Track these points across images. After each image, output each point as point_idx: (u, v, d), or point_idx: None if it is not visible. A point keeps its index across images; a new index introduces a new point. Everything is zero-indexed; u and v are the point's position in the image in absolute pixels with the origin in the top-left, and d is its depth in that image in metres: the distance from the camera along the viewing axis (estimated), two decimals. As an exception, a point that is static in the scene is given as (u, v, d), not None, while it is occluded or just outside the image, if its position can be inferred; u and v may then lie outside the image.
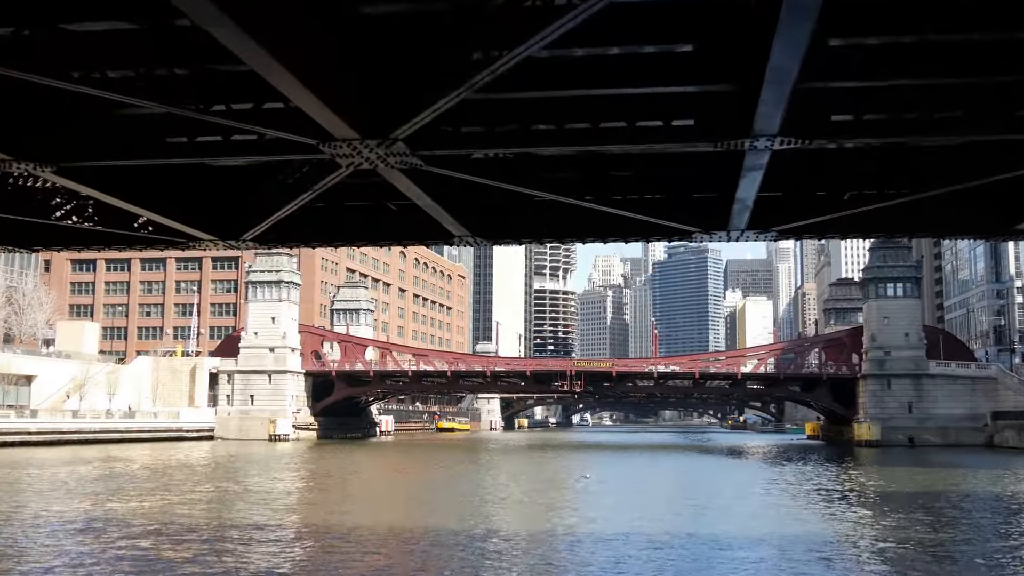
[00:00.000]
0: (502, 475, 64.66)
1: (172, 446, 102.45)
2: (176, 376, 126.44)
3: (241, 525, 33.68)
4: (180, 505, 40.82)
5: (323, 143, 12.58)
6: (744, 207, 15.85)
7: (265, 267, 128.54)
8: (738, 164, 14.03)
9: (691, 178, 17.04)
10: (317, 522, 35.38)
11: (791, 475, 64.74)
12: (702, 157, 15.64)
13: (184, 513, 37.45)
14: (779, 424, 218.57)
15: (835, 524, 36.35)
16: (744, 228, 17.34)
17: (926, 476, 63.34)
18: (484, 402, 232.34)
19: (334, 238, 19.75)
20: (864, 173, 16.48)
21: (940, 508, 42.27)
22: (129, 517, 35.60)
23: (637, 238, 18.67)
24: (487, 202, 18.37)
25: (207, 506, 41.19)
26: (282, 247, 20.24)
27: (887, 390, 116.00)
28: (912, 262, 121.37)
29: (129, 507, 39.67)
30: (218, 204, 18.48)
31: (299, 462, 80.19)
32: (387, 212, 19.52)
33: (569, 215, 18.63)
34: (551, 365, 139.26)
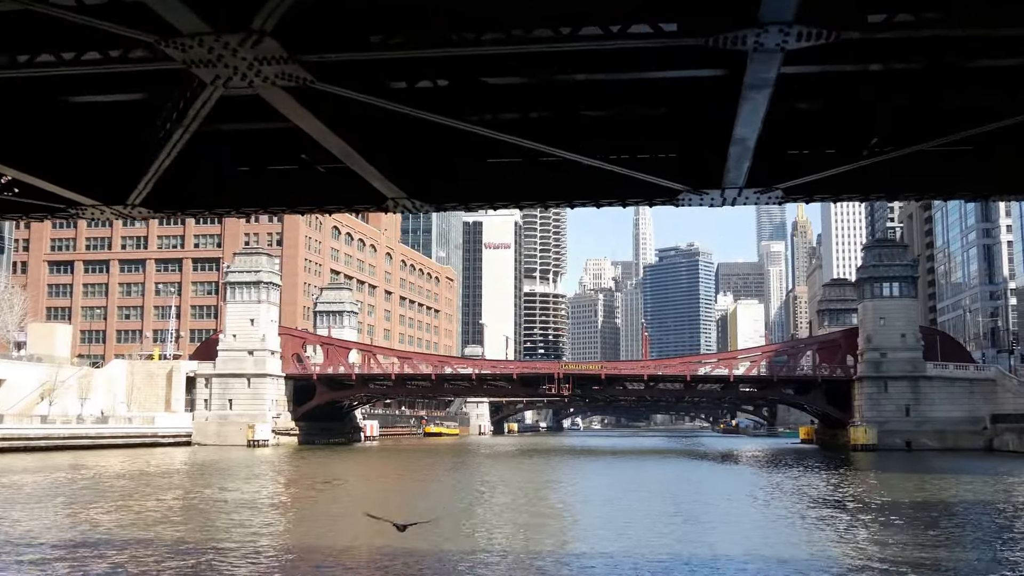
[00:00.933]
0: (483, 484, 61.34)
1: (146, 452, 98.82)
2: (152, 380, 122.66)
3: (197, 541, 30.52)
4: (136, 517, 37.73)
5: (166, 40, 9.14)
6: (743, 152, 12.47)
7: (244, 267, 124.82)
8: (737, 85, 10.69)
9: (677, 119, 13.66)
10: (274, 537, 31.97)
11: (785, 483, 61.42)
12: (692, 88, 12.29)
13: (141, 525, 34.63)
14: (772, 428, 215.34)
15: (831, 540, 33.15)
16: (743, 185, 13.97)
17: (925, 483, 60.15)
18: (473, 406, 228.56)
19: (244, 204, 16.29)
20: (897, 111, 13.08)
21: (940, 520, 39.29)
22: (82, 529, 32.92)
23: (611, 201, 15.24)
24: (425, 156, 14.97)
25: (164, 518, 37.90)
26: (183, 214, 16.77)
27: (883, 392, 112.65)
28: (908, 261, 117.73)
29: (85, 517, 36.77)
30: (98, 160, 15.06)
31: (274, 469, 76.73)
32: (313, 176, 16.12)
33: (528, 173, 15.25)
34: (538, 368, 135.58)
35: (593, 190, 15.01)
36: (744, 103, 10.78)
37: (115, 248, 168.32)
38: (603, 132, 13.94)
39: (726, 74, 11.17)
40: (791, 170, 14.14)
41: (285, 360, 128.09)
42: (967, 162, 14.00)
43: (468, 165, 15.33)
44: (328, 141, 12.74)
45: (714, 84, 11.78)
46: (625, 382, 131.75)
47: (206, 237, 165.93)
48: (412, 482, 65.40)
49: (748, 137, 11.88)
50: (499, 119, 13.28)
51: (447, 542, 30.45)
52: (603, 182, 14.75)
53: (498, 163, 15.34)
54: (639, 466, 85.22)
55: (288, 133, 13.69)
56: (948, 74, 12.06)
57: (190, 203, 16.25)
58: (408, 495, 53.70)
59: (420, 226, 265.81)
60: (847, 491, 55.35)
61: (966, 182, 14.32)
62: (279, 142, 14.88)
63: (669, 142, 14.16)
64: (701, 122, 13.27)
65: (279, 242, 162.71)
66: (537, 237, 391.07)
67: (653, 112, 13.46)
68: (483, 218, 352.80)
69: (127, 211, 15.66)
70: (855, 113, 13.23)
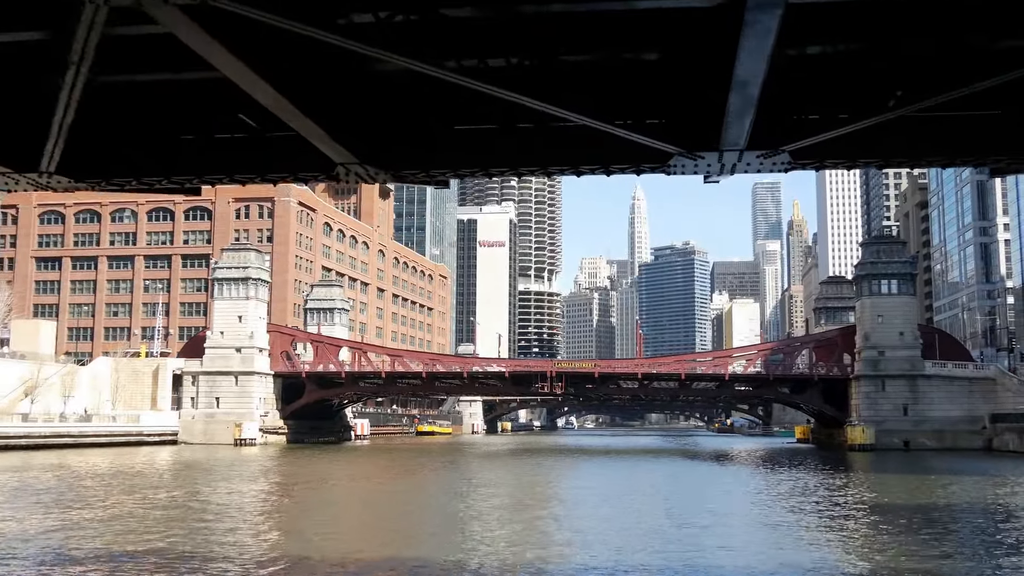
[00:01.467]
0: (472, 487, 59.50)
1: (131, 452, 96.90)
2: (138, 378, 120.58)
3: (164, 547, 28.78)
4: (107, 519, 36.06)
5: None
6: (745, 103, 10.54)
7: (232, 263, 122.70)
8: (738, 16, 8.78)
9: (669, 66, 11.72)
10: (246, 544, 30.03)
11: (782, 485, 59.61)
12: (686, 26, 10.42)
13: (111, 528, 33.15)
14: (767, 427, 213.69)
15: (830, 547, 31.45)
16: (744, 147, 12.04)
17: (924, 485, 58.45)
18: (466, 405, 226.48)
19: (177, 172, 14.31)
20: (918, 60, 11.15)
21: (941, 524, 37.74)
22: (50, 533, 31.53)
23: (592, 167, 13.29)
24: (381, 114, 13.04)
25: (134, 521, 36.15)
26: (108, 184, 14.74)
27: (881, 391, 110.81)
28: (907, 258, 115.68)
29: (56, 520, 35.34)
30: (2, 120, 13.11)
31: (257, 470, 74.76)
32: (255, 141, 14.17)
33: (500, 136, 13.35)
34: (531, 366, 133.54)
35: (572, 155, 13.09)
36: (747, 33, 8.86)
37: (103, 244, 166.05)
38: (584, 83, 12.02)
39: (725, 2, 9.25)
40: (799, 129, 12.22)
41: (274, 358, 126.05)
42: (1006, 120, 12.08)
43: (431, 127, 13.41)
44: (257, 90, 10.82)
45: (712, 19, 9.86)
46: (619, 380, 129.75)
47: (195, 233, 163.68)
48: (396, 484, 63.52)
49: (751, 80, 9.95)
50: (463, 65, 11.37)
51: (428, 551, 28.65)
52: (584, 146, 12.87)
53: (466, 128, 13.47)
54: (631, 467, 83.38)
55: (218, 87, 11.79)
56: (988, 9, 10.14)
57: (114, 172, 14.25)
58: (390, 498, 51.86)
59: (414, 224, 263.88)
60: (845, 493, 53.56)
61: (1004, 143, 12.37)
62: (209, 97, 12.94)
63: (660, 96, 12.23)
64: (697, 70, 11.34)
65: (269, 238, 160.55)
66: (532, 235, 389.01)
67: (641, 57, 11.52)
68: (478, 215, 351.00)
69: (43, 180, 13.64)
70: (877, 57, 11.31)
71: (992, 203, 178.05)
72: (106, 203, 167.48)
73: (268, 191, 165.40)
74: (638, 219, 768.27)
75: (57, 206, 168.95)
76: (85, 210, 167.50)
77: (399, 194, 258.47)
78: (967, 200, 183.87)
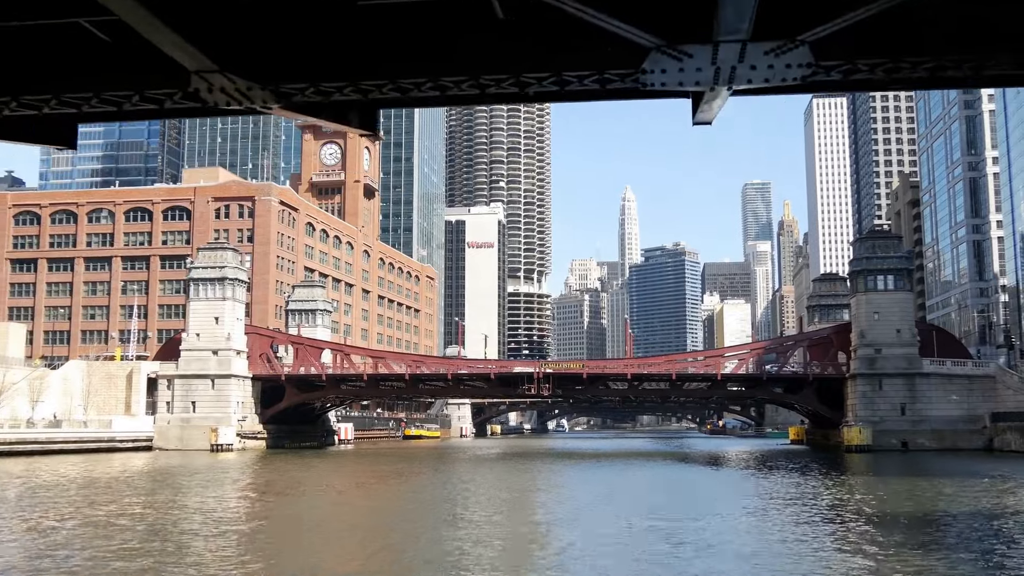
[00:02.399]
0: (449, 498, 56.11)
1: (102, 458, 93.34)
2: (111, 382, 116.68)
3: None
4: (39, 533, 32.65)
5: None
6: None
7: (208, 263, 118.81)
8: None
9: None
10: (197, 560, 26.50)
11: (777, 490, 56.28)
12: None
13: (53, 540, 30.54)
14: (760, 428, 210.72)
15: (831, 560, 28.02)
16: (748, 36, 8.52)
17: (924, 488, 55.25)
18: (455, 408, 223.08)
19: None
20: None
21: (945, 532, 35.01)
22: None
23: (539, 77, 9.75)
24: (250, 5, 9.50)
25: (78, 534, 32.57)
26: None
27: (878, 391, 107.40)
28: (903, 252, 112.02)
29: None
30: None
31: (228, 477, 71.21)
32: (91, 45, 10.58)
33: (417, 37, 9.79)
34: (517, 367, 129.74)
35: (513, 58, 9.54)
36: None
37: (80, 245, 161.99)
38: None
39: None
40: (818, 10, 8.72)
41: (252, 360, 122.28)
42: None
43: (322, 26, 9.84)
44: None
45: None
46: (608, 381, 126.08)
47: (174, 234, 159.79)
48: (369, 494, 59.97)
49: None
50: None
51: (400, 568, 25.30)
52: (528, 45, 9.33)
53: (370, 25, 9.84)
54: (620, 472, 79.82)
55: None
56: None
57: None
58: (364, 509, 48.40)
59: (401, 225, 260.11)
60: (843, 498, 50.29)
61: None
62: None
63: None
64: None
65: (250, 238, 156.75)
66: (521, 236, 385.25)
67: None
68: (466, 216, 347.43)
69: None
70: None
71: (985, 200, 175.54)
72: (83, 203, 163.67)
73: (248, 190, 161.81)
74: (628, 220, 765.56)
75: (32, 206, 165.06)
76: (61, 210, 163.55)
77: (385, 194, 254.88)
78: (960, 197, 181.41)
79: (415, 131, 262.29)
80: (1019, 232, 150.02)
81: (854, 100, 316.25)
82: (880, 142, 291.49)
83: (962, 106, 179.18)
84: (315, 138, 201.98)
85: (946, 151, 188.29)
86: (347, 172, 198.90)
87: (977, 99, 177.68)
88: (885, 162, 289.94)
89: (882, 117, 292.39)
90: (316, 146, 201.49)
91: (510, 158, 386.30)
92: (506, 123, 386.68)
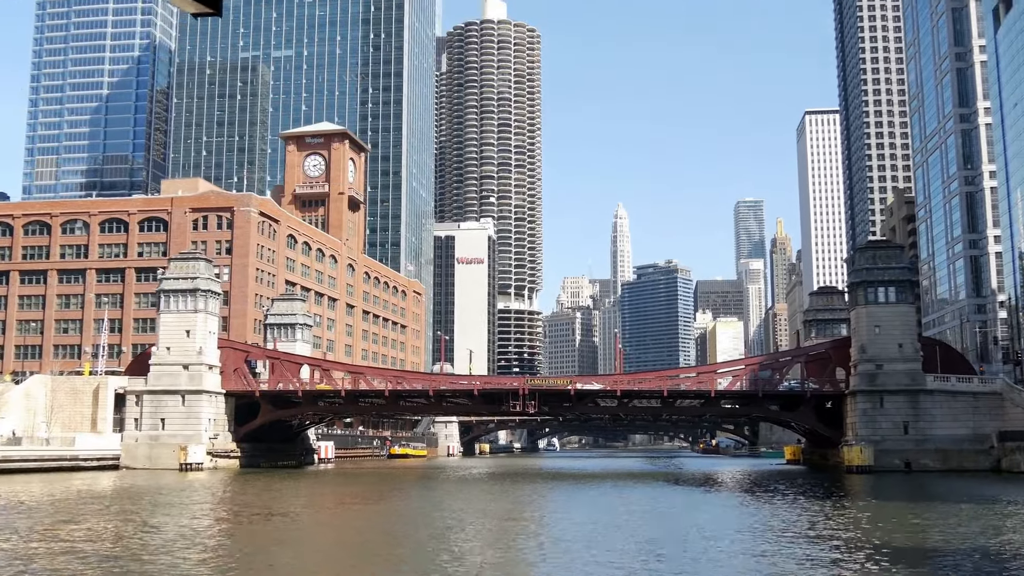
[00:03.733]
0: (423, 524, 51.21)
1: (63, 478, 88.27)
2: (77, 397, 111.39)
3: None
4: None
5: None
6: None
7: (179, 274, 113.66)
8: None
9: None
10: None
11: (775, 517, 51.53)
12: None
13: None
14: (754, 448, 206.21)
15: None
16: None
17: (931, 516, 50.35)
18: (442, 426, 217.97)
19: None
20: None
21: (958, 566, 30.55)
22: None
23: None
24: None
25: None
26: None
27: (879, 408, 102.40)
28: (905, 263, 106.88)
29: None
30: None
31: (187, 499, 66.41)
32: None
33: None
34: (502, 383, 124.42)
35: None
36: None
37: (53, 257, 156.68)
38: None
39: None
40: None
41: (226, 376, 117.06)
42: None
43: None
44: None
45: None
46: (597, 399, 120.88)
47: (150, 245, 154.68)
48: (342, 517, 54.97)
49: None
50: None
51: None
52: None
53: None
54: (607, 495, 74.69)
55: None
56: None
57: None
58: (325, 541, 43.42)
59: (388, 239, 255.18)
60: (847, 527, 45.39)
61: None
62: None
63: None
64: None
65: (229, 250, 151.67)
66: (512, 252, 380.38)
67: None
68: (455, 231, 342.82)
69: None
70: None
71: (982, 215, 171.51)
72: (56, 214, 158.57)
73: (227, 201, 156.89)
74: (620, 237, 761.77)
75: (5, 217, 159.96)
76: (35, 221, 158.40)
77: (373, 209, 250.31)
78: (956, 212, 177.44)
79: (403, 144, 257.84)
80: (1017, 247, 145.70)
81: (847, 115, 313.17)
82: (874, 157, 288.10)
83: (958, 119, 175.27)
84: (299, 149, 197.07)
85: (942, 165, 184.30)
86: (331, 184, 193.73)
87: (973, 112, 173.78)
88: (879, 177, 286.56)
89: (876, 132, 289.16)
90: (300, 157, 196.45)
91: (501, 173, 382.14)
92: (497, 138, 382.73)
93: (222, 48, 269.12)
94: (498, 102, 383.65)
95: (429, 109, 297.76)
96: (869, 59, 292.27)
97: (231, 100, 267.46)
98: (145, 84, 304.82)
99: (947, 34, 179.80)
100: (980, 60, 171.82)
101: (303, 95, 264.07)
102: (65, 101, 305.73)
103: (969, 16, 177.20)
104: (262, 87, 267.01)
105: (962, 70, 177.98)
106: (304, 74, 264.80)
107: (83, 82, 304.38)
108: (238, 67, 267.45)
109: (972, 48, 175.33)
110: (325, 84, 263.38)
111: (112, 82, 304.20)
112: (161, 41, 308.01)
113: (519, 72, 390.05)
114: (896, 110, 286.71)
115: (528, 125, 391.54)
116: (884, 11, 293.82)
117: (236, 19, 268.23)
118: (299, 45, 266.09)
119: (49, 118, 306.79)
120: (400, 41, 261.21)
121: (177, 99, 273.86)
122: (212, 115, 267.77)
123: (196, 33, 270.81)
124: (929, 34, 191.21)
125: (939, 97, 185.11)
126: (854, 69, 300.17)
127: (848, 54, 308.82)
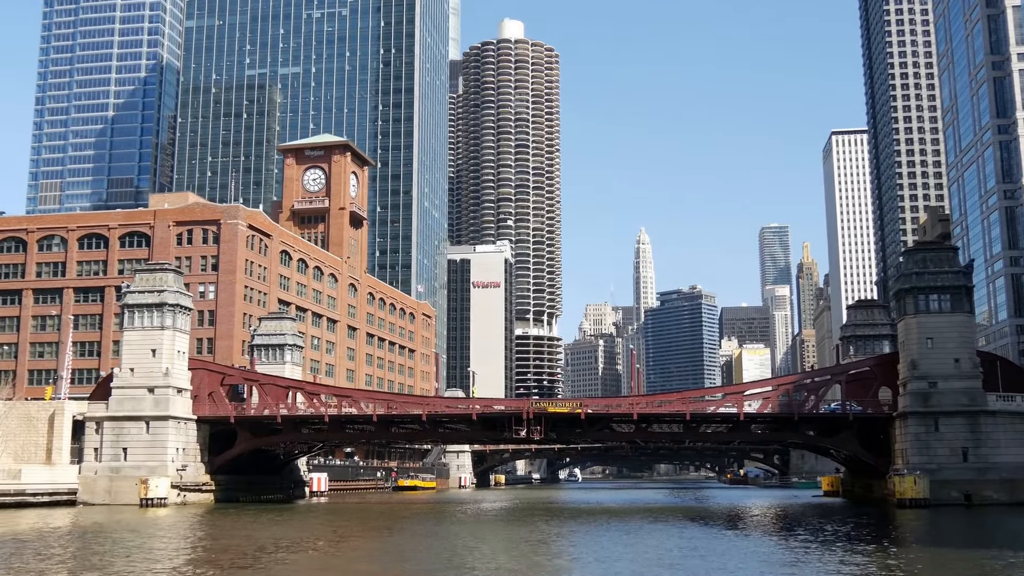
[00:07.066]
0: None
1: (7, 516, 76.45)
2: (31, 425, 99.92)
3: None
4: None
5: None
6: None
7: (145, 287, 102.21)
8: None
9: None
10: None
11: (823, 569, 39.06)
12: None
13: None
14: (784, 477, 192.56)
15: None
16: None
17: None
18: (454, 456, 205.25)
19: None
20: None
21: None
22: None
23: None
24: None
25: None
26: None
27: (934, 432, 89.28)
28: (960, 267, 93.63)
29: None
30: None
31: (128, 546, 53.42)
32: None
33: None
34: (503, 407, 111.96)
35: None
36: None
37: (29, 276, 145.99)
38: None
39: None
40: None
41: (200, 400, 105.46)
42: None
43: None
44: None
45: None
46: (612, 423, 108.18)
47: (132, 262, 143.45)
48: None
49: None
50: None
51: None
52: None
53: None
54: (625, 540, 61.91)
55: None
56: None
57: None
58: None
59: (399, 261, 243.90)
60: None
61: None
62: None
63: None
64: None
65: (215, 266, 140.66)
66: (530, 276, 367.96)
67: None
68: (471, 255, 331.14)
69: None
70: None
71: (1023, 231, 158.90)
72: (33, 229, 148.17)
73: (213, 213, 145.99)
74: (643, 263, 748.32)
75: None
76: (9, 237, 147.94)
77: (382, 229, 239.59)
78: (995, 228, 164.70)
79: (414, 163, 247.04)
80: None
81: (876, 134, 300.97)
82: (904, 175, 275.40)
83: (995, 131, 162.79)
84: (298, 162, 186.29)
85: (979, 180, 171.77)
86: (332, 199, 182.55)
87: (1012, 123, 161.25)
88: (910, 196, 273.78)
89: (906, 149, 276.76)
90: (298, 171, 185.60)
91: (518, 195, 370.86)
92: (514, 159, 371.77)
93: (228, 66, 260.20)
94: (515, 123, 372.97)
95: (443, 128, 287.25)
96: (899, 75, 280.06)
97: (238, 119, 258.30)
98: (151, 106, 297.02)
99: (983, 42, 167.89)
100: (1019, 68, 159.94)
101: (311, 113, 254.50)
102: (70, 123, 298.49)
103: (1006, 22, 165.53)
104: (269, 105, 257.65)
105: (999, 79, 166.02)
106: (312, 91, 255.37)
107: (89, 103, 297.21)
108: (244, 85, 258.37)
109: (1010, 56, 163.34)
110: (334, 101, 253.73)
111: (118, 103, 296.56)
112: (168, 62, 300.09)
113: (537, 92, 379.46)
114: (927, 126, 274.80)
115: (546, 146, 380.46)
116: (913, 25, 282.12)
117: (243, 36, 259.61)
118: (307, 62, 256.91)
119: (54, 140, 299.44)
120: (411, 57, 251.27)
121: (183, 119, 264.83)
122: (219, 135, 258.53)
123: (203, 51, 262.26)
124: (963, 43, 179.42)
125: (975, 108, 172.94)
126: (882, 86, 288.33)
127: (876, 71, 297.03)
